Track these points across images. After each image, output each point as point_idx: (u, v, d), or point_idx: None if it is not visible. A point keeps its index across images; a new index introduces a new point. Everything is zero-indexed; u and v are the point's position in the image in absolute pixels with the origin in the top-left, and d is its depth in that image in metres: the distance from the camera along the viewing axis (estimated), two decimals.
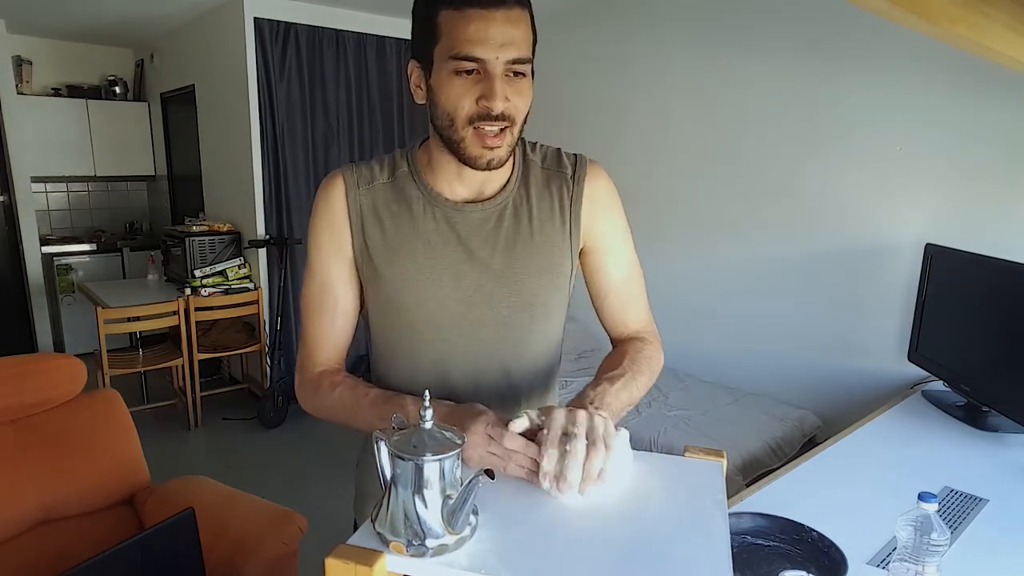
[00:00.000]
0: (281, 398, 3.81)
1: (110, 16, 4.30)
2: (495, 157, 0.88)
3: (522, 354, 1.00)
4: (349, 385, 0.95)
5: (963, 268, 2.10)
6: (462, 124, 0.86)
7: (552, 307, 1.01)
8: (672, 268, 3.36)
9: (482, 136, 0.86)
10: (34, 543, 1.71)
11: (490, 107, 0.83)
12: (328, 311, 0.99)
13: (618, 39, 3.53)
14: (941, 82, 2.40)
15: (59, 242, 5.06)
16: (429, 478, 0.63)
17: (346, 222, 0.96)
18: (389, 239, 0.95)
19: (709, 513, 0.72)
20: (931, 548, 0.96)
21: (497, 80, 0.83)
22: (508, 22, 0.82)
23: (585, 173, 1.00)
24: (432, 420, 0.67)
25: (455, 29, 0.82)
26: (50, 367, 1.86)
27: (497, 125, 0.85)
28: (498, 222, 0.96)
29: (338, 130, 4.06)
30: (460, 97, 0.84)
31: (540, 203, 0.98)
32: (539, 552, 0.64)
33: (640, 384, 0.93)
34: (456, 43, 0.82)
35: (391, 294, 0.96)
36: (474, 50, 0.81)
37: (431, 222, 0.95)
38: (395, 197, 0.97)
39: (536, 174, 1.00)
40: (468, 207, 0.96)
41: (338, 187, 0.96)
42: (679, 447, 0.89)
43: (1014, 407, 1.78)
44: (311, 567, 2.02)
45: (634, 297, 1.05)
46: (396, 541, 0.63)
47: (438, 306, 0.95)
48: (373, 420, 0.89)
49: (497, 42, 0.81)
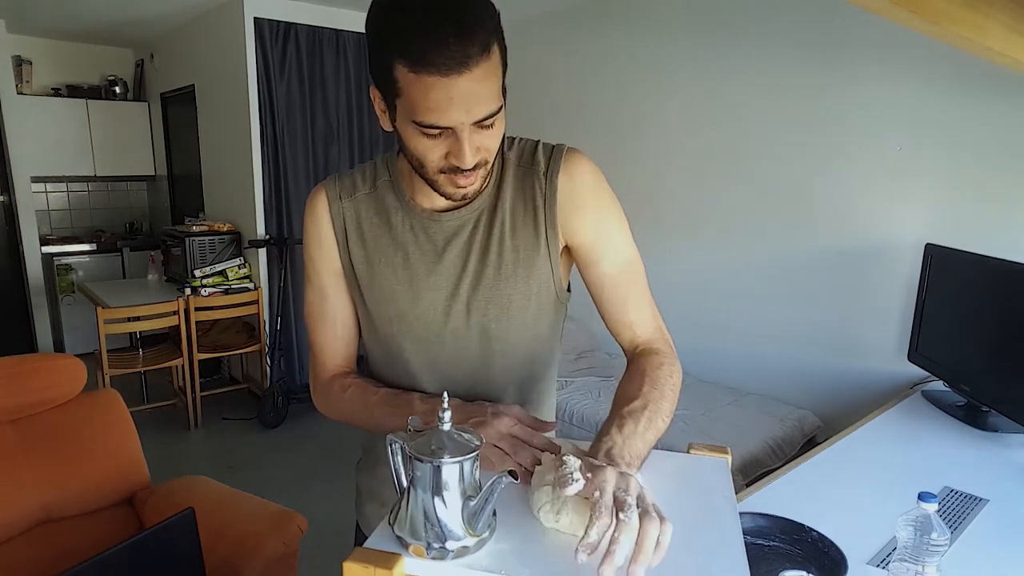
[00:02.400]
0: (281, 398, 3.81)
1: (110, 16, 4.30)
2: (469, 191, 0.86)
3: (510, 362, 0.98)
4: (359, 386, 0.97)
5: (963, 268, 2.10)
6: (433, 171, 0.83)
7: (534, 311, 0.97)
8: (672, 269, 3.36)
9: (453, 180, 0.83)
10: (34, 543, 1.71)
11: (460, 165, 0.80)
12: (329, 320, 1.00)
13: (617, 40, 3.53)
14: (941, 82, 2.40)
15: (59, 242, 5.06)
16: (449, 480, 0.63)
17: (332, 237, 0.97)
18: (370, 252, 0.96)
19: (721, 509, 0.72)
20: (931, 548, 0.96)
21: (466, 141, 0.78)
22: (472, 82, 0.74)
23: (559, 168, 0.92)
24: (450, 422, 0.67)
25: (414, 93, 0.75)
26: (50, 367, 1.86)
27: (468, 173, 0.82)
28: (474, 228, 0.94)
29: (338, 130, 4.06)
30: (428, 151, 0.80)
31: (515, 204, 0.94)
32: (558, 552, 0.64)
33: (665, 413, 0.85)
34: (417, 111, 0.76)
35: (375, 304, 0.97)
36: (439, 120, 0.76)
37: (409, 233, 0.95)
38: (375, 208, 0.96)
39: (511, 174, 0.95)
40: (445, 216, 0.94)
41: (321, 202, 0.97)
42: (679, 447, 0.89)
43: (1014, 407, 1.78)
44: (311, 567, 2.03)
45: (632, 294, 0.97)
46: (416, 544, 0.63)
47: (418, 318, 0.95)
48: (382, 418, 0.91)
49: (463, 107, 0.75)
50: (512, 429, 0.80)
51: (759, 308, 3.06)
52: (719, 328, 3.23)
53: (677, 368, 0.93)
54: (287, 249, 3.89)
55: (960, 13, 1.14)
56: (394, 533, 0.65)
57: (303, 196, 3.97)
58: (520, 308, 0.95)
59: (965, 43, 1.25)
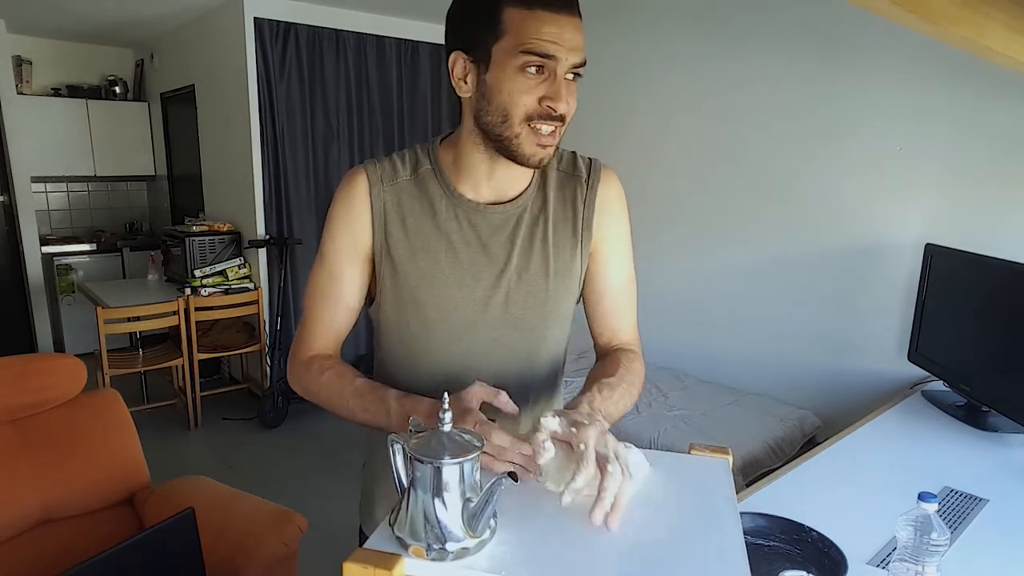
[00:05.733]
0: (281, 398, 3.81)
1: (110, 16, 4.30)
2: (546, 155, 0.90)
3: (535, 356, 1.02)
4: (338, 371, 0.96)
5: (963, 268, 2.10)
6: (518, 121, 0.86)
7: (564, 310, 1.03)
8: (672, 268, 3.36)
9: (537, 134, 0.87)
10: (34, 543, 1.71)
11: (554, 107, 0.85)
12: (331, 300, 0.99)
13: (617, 39, 3.53)
14: (941, 82, 2.40)
15: (59, 242, 5.06)
16: (449, 481, 0.63)
17: (367, 219, 0.96)
18: (411, 237, 0.96)
19: (721, 510, 0.72)
20: (931, 548, 0.95)
21: (562, 82, 0.85)
22: (576, 29, 0.84)
23: (599, 178, 1.02)
24: (450, 423, 0.67)
25: (526, 27, 0.82)
26: (50, 367, 1.86)
27: (553, 124, 0.87)
28: (517, 224, 0.98)
29: (338, 130, 4.06)
30: (523, 94, 0.85)
31: (556, 206, 1.00)
32: (558, 553, 0.64)
33: (633, 397, 0.95)
34: (528, 40, 0.83)
35: (411, 291, 0.97)
36: (548, 48, 0.83)
37: (453, 222, 0.96)
38: (418, 194, 0.97)
39: (553, 177, 1.01)
40: (489, 209, 0.97)
41: (361, 183, 0.96)
42: (679, 447, 0.89)
43: (1014, 407, 1.78)
44: (311, 567, 2.03)
45: (628, 306, 1.06)
46: (416, 545, 0.63)
47: (456, 306, 0.96)
48: (354, 409, 0.91)
49: (568, 45, 0.83)
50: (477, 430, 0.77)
51: (759, 308, 3.06)
52: (719, 328, 3.23)
53: (643, 370, 1.03)
54: (287, 249, 3.89)
55: (960, 13, 1.14)
56: (394, 534, 0.65)
57: (303, 196, 3.97)
58: (555, 305, 1.00)
59: (965, 43, 1.25)
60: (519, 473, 0.75)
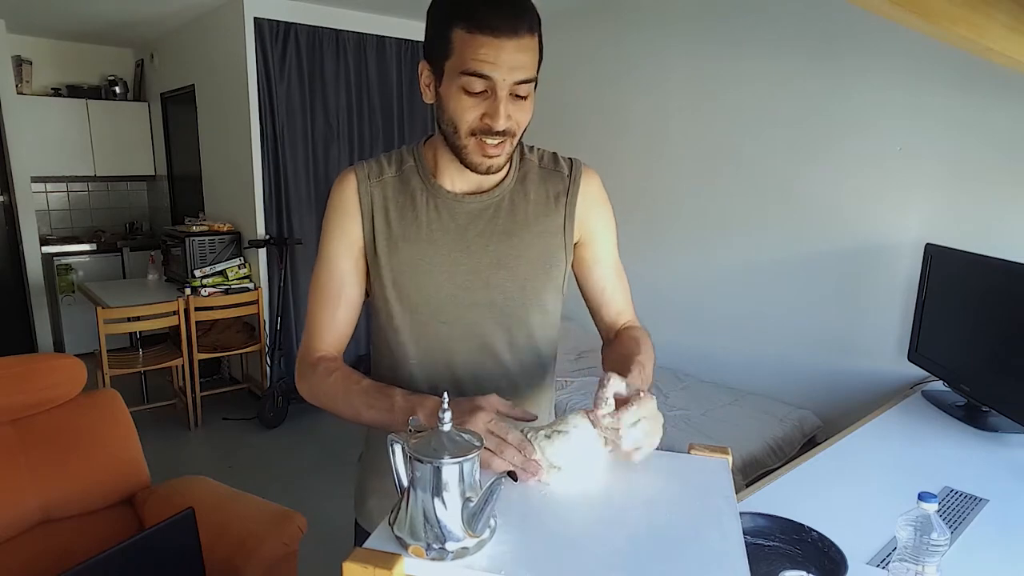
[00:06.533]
0: (281, 398, 3.81)
1: (110, 16, 4.30)
2: (494, 164, 0.95)
3: (515, 341, 1.05)
4: (344, 373, 0.98)
5: (963, 268, 2.10)
6: (465, 134, 0.92)
7: (546, 296, 1.06)
8: (672, 268, 3.37)
9: (483, 146, 0.92)
10: (34, 543, 1.71)
11: (492, 125, 0.90)
12: (333, 300, 1.03)
13: (617, 39, 3.53)
14: (941, 82, 2.40)
15: (59, 242, 5.06)
16: (448, 481, 0.63)
17: (357, 215, 1.02)
18: (394, 227, 1.01)
19: (721, 510, 0.72)
20: (931, 548, 0.96)
21: (501, 101, 0.89)
22: (518, 50, 0.87)
23: (580, 173, 1.08)
24: (450, 423, 0.67)
25: (466, 49, 0.87)
26: (50, 367, 1.86)
27: (497, 139, 0.91)
28: (495, 212, 1.03)
29: (338, 130, 4.06)
30: (465, 111, 0.90)
31: (537, 196, 1.05)
32: (557, 552, 0.64)
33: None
34: (466, 62, 0.87)
35: (394, 279, 1.01)
36: (485, 68, 0.87)
37: (432, 212, 1.02)
38: (401, 189, 1.03)
39: (533, 171, 1.07)
40: (467, 198, 1.02)
41: (350, 182, 1.03)
42: (679, 447, 0.89)
43: (1014, 407, 1.78)
44: (311, 567, 2.03)
45: (625, 288, 1.13)
46: (416, 545, 0.63)
47: (437, 290, 1.01)
48: (360, 407, 0.93)
49: (506, 67, 0.87)
50: (489, 425, 0.78)
51: (759, 308, 3.06)
52: (719, 328, 3.23)
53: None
54: (287, 249, 3.89)
55: (960, 13, 1.14)
56: (394, 533, 0.65)
57: (303, 196, 3.97)
58: (535, 289, 1.04)
59: (965, 43, 1.25)
60: (518, 474, 0.76)
